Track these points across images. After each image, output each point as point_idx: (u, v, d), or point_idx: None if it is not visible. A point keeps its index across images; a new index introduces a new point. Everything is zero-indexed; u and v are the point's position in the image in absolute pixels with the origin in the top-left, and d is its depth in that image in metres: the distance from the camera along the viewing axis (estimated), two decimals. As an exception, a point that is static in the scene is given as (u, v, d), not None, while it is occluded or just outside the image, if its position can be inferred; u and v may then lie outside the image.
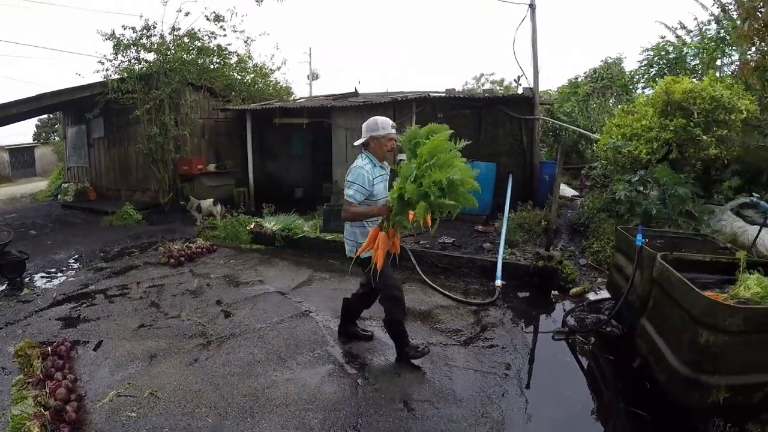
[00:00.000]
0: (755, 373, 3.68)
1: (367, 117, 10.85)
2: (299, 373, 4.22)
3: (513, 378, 4.36)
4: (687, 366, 3.68)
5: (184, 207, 10.69)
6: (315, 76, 31.89)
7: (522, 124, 10.79)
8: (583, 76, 19.83)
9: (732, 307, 3.48)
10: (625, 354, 4.77)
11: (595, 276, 7.24)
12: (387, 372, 4.32)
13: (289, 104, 13.41)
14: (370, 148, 4.47)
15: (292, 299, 6.00)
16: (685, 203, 7.75)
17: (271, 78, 18.35)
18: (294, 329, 5.10)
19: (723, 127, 8.56)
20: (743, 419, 3.85)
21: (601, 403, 4.17)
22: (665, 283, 4.19)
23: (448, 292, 6.43)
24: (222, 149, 13.98)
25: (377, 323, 5.23)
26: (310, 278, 6.84)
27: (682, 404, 3.87)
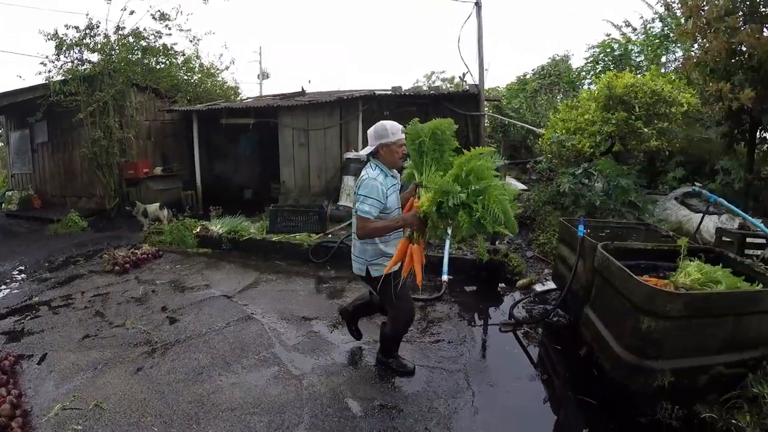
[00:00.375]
0: (698, 356, 3.79)
1: (313, 116, 10.94)
2: (244, 376, 4.23)
3: (460, 372, 4.43)
4: (630, 352, 3.79)
5: (131, 212, 10.50)
6: (265, 75, 31.58)
7: (468, 121, 10.90)
8: (532, 74, 20.27)
9: (671, 293, 3.61)
10: (572, 343, 4.91)
11: (542, 267, 7.42)
12: (333, 372, 4.34)
13: (235, 104, 13.35)
14: (380, 156, 4.13)
15: (238, 302, 5.99)
16: (628, 194, 7.98)
17: (219, 78, 18.17)
18: (239, 333, 5.09)
19: (664, 120, 8.82)
20: (691, 401, 3.95)
21: (549, 393, 4.25)
22: (606, 272, 4.31)
23: (395, 289, 6.48)
24: (169, 151, 13.78)
25: (324, 323, 5.33)
26: (256, 280, 6.83)
27: (627, 390, 3.96)
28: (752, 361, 3.95)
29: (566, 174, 8.57)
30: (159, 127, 13.70)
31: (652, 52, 15.60)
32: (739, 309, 3.72)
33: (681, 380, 3.75)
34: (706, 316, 3.68)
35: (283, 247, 8.03)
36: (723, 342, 3.79)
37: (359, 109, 11.10)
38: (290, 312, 5.67)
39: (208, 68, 17.71)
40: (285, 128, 11.49)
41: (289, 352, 4.69)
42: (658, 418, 3.82)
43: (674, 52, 15.23)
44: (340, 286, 6.65)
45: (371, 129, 4.23)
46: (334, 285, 6.71)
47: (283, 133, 11.53)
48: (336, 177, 11.05)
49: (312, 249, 7.79)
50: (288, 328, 5.24)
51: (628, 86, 8.95)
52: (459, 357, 4.72)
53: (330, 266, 7.52)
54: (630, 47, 16.26)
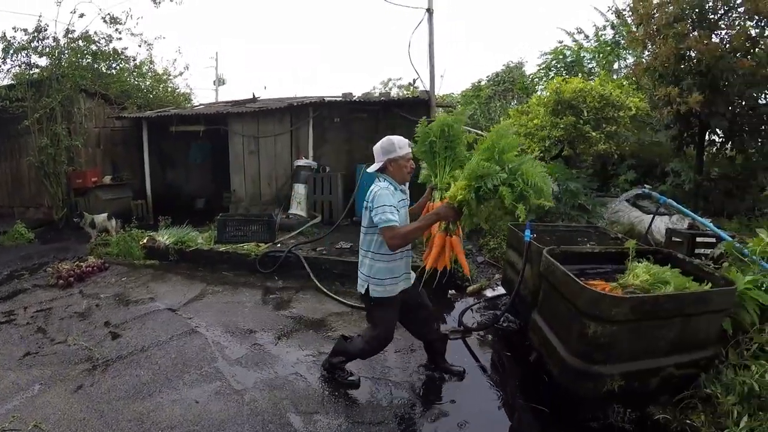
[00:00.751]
0: (648, 359, 3.81)
1: (264, 123, 10.92)
2: (186, 393, 4.20)
3: (406, 382, 4.45)
4: (577, 357, 3.79)
5: (79, 223, 10.27)
6: (221, 81, 31.14)
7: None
8: (486, 80, 20.54)
9: (616, 297, 3.61)
10: (522, 349, 4.97)
11: (493, 272, 7.53)
12: (275, 386, 4.34)
13: (185, 111, 13.18)
14: (389, 171, 4.02)
15: (182, 316, 5.95)
16: (577, 197, 8.13)
17: (171, 84, 17.96)
18: (182, 347, 5.06)
19: (612, 124, 9.02)
20: (643, 404, 4.02)
21: (501, 401, 4.30)
22: (551, 277, 4.33)
23: (342, 298, 6.51)
24: (119, 160, 13.50)
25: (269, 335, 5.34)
26: (202, 292, 6.79)
27: (577, 395, 3.96)
28: (704, 361, 4.02)
29: (515, 178, 8.70)
30: (109, 135, 13.38)
31: (603, 58, 16.02)
32: (688, 310, 3.75)
33: (631, 383, 3.78)
34: (654, 318, 3.70)
35: (231, 257, 7.98)
36: (673, 344, 3.83)
37: (310, 116, 11.13)
38: (235, 324, 5.65)
39: (160, 74, 17.49)
40: (235, 135, 11.45)
41: (232, 367, 4.67)
42: (611, 422, 3.88)
43: (625, 59, 15.66)
44: (287, 297, 6.65)
45: (377, 145, 4.11)
46: (281, 296, 6.71)
47: (234, 141, 11.48)
48: (287, 185, 11.04)
49: (259, 259, 7.75)
50: (232, 341, 5.22)
51: (577, 91, 9.17)
52: (406, 367, 4.74)
53: (277, 276, 7.51)
54: (582, 54, 16.69)
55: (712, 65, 8.59)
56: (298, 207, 10.39)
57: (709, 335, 3.99)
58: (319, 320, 5.86)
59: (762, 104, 9.14)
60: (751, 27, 9.05)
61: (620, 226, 9.22)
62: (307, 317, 5.92)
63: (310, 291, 6.86)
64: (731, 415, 3.68)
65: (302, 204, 10.44)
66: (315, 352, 4.93)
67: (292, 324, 5.72)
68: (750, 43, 8.82)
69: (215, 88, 30.91)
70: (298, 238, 8.85)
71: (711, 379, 3.99)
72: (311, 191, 10.53)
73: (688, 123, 9.79)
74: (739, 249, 5.10)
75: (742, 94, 8.79)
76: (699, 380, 4.01)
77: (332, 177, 10.55)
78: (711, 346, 4.06)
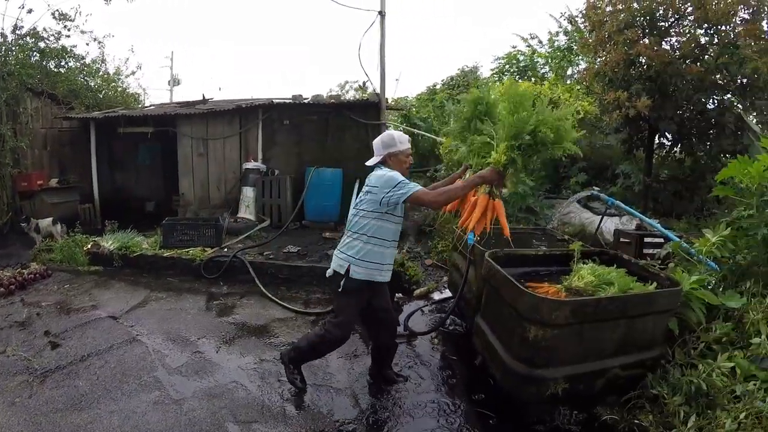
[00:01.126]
0: (593, 361, 3.83)
1: (213, 124, 10.92)
2: (124, 403, 4.19)
3: (348, 389, 4.47)
4: (519, 362, 3.77)
5: (24, 228, 10.04)
6: (176, 81, 30.46)
7: (369, 130, 11.05)
8: (441, 84, 20.72)
9: (556, 300, 3.63)
10: (468, 353, 5.00)
11: (440, 275, 7.63)
12: (215, 394, 4.33)
13: (133, 112, 13.04)
14: (388, 166, 4.09)
15: (124, 323, 5.90)
16: (525, 200, 8.25)
17: (122, 83, 17.69)
18: (122, 356, 5.04)
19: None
20: (589, 405, 4.03)
21: (445, 406, 4.30)
22: (493, 281, 4.34)
23: (287, 303, 6.55)
24: (67, 162, 13.17)
25: (211, 342, 5.33)
26: (145, 299, 6.73)
27: (520, 400, 4.00)
28: (650, 362, 4.06)
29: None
30: (56, 136, 13.05)
31: (556, 64, 16.35)
32: (632, 312, 3.77)
33: (576, 386, 3.78)
34: (597, 320, 3.68)
35: (176, 262, 7.92)
36: (618, 345, 3.84)
37: (259, 118, 11.14)
38: (177, 332, 5.64)
39: (111, 74, 17.21)
40: (184, 137, 11.37)
41: (172, 376, 4.66)
42: (557, 425, 3.91)
43: (578, 65, 15.98)
44: (231, 303, 6.65)
45: (377, 139, 4.21)
46: (224, 302, 6.71)
47: (182, 143, 11.40)
48: (236, 188, 11.03)
49: (204, 264, 7.73)
50: (173, 349, 5.21)
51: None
52: (349, 372, 4.78)
53: (223, 282, 7.49)
54: (536, 59, 16.99)
55: (661, 71, 8.92)
56: (246, 210, 10.39)
57: (655, 335, 4.04)
58: (261, 326, 5.89)
59: (710, 109, 9.46)
60: (701, 35, 9.43)
61: (572, 227, 9.46)
62: (249, 323, 5.94)
63: (255, 296, 6.88)
64: (678, 415, 3.73)
65: (251, 207, 10.44)
66: (256, 360, 4.96)
67: (235, 331, 5.73)
68: (699, 50, 9.22)
69: (170, 88, 30.36)
70: (246, 243, 8.84)
71: (657, 379, 4.03)
72: (260, 194, 10.54)
73: (637, 126, 10.11)
74: (685, 249, 5.20)
75: (690, 99, 9.10)
76: (646, 380, 4.06)
77: (281, 180, 10.58)
78: (657, 346, 4.11)
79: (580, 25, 12.79)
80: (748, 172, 4.73)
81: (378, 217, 3.98)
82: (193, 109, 11.54)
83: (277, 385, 4.48)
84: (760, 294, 4.42)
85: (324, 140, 11.15)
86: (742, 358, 3.92)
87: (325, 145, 11.13)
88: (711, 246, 4.79)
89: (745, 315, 4.26)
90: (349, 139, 11.16)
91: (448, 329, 5.84)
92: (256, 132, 11.19)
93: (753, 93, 8.98)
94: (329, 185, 10.36)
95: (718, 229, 4.88)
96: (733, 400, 3.67)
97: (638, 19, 9.39)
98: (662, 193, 10.82)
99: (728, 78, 9.10)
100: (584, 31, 11.51)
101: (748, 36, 8.63)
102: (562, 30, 16.40)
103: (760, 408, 3.48)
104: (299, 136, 11.31)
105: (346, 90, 23.55)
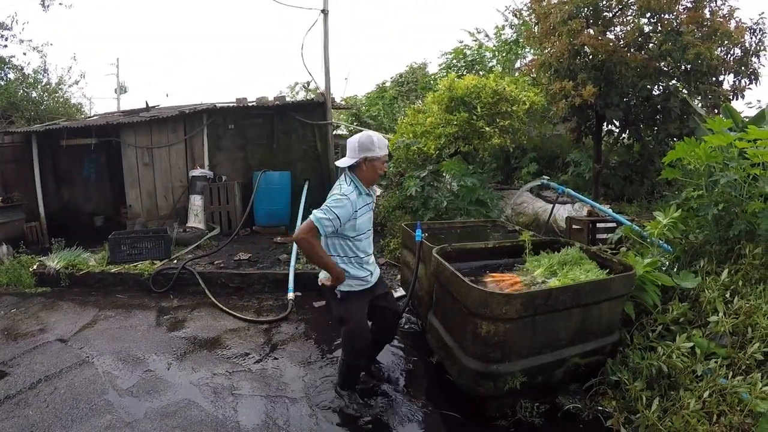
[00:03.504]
0: (550, 352, 3.83)
1: (157, 132, 10.75)
2: (76, 430, 4.10)
3: (303, 398, 4.44)
4: (474, 359, 3.76)
5: (-33, 253, 9.68)
6: (123, 89, 29.76)
7: (315, 130, 11.09)
8: (391, 81, 20.80)
9: (505, 295, 3.60)
10: (425, 351, 5.05)
11: (394, 274, 7.65)
12: (167, 414, 4.28)
13: (75, 123, 12.71)
14: (360, 171, 3.92)
15: (73, 346, 5.77)
16: (474, 192, 8.30)
17: (65, 93, 17.29)
18: (72, 380, 4.93)
19: (507, 118, 9.32)
20: (551, 395, 4.08)
21: (405, 407, 4.31)
22: (442, 277, 4.31)
23: (239, 312, 6.54)
24: (10, 179, 12.56)
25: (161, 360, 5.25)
26: (94, 319, 6.58)
27: (479, 396, 3.96)
28: (609, 347, 4.14)
29: (413, 177, 8.89)
30: (-2, 152, 12.61)
31: (503, 57, 16.56)
32: (585, 300, 3.79)
33: (535, 378, 3.80)
34: (550, 311, 3.67)
35: (124, 278, 7.77)
36: (574, 333, 3.87)
37: (204, 123, 11.07)
38: (127, 351, 5.55)
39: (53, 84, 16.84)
40: (128, 147, 11.16)
41: (123, 397, 4.59)
42: (519, 418, 3.93)
43: (525, 57, 16.22)
44: (182, 316, 6.59)
45: (354, 139, 3.93)
46: (175, 315, 6.64)
47: (127, 153, 11.19)
48: (184, 196, 10.93)
49: (152, 278, 7.60)
50: (123, 369, 5.13)
51: (470, 87, 9.42)
52: (303, 381, 4.76)
53: (173, 295, 7.41)
54: (484, 53, 17.19)
55: (606, 59, 9.16)
56: (195, 219, 10.28)
57: (611, 321, 4.11)
58: (213, 339, 5.85)
59: (656, 95, 9.77)
60: (644, 24, 9.72)
61: (525, 216, 9.65)
62: (201, 337, 5.90)
63: (206, 308, 6.84)
64: (641, 399, 3.80)
65: (199, 216, 10.34)
66: (208, 374, 4.92)
67: (186, 345, 5.69)
68: (643, 38, 9.53)
69: (117, 96, 29.60)
70: (196, 252, 8.77)
71: (617, 364, 4.13)
72: (208, 202, 10.47)
73: (585, 115, 10.34)
74: (637, 232, 5.35)
75: (636, 86, 9.34)
76: (606, 366, 4.15)
77: (229, 186, 10.53)
78: (615, 331, 4.19)
79: (526, 17, 12.98)
80: (695, 154, 4.91)
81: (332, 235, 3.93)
82: (137, 118, 11.31)
83: (230, 399, 4.45)
84: (714, 272, 4.58)
85: (270, 143, 11.14)
86: (700, 337, 4.05)
87: (271, 148, 11.13)
88: (662, 228, 4.93)
89: (700, 294, 4.40)
90: (296, 141, 11.18)
91: (404, 328, 5.88)
92: (201, 138, 11.10)
93: (697, 78, 9.26)
94: (278, 189, 10.34)
95: (669, 211, 5.03)
96: (696, 380, 3.78)
97: (583, 10, 9.62)
98: (613, 178, 11.16)
99: (672, 64, 9.39)
100: (530, 24, 11.71)
101: (690, 23, 8.95)
102: (509, 23, 16.63)
103: (723, 385, 3.59)
104: (245, 140, 11.25)
105: (297, 91, 23.53)
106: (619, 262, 4.40)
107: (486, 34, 17.37)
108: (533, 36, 10.92)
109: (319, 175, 11.21)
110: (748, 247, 4.53)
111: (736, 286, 4.37)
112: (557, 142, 13.61)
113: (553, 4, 10.03)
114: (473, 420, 4.04)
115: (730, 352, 3.86)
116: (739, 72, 9.27)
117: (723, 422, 3.41)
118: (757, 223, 4.49)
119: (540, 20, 10.36)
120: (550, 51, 10.07)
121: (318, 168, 11.23)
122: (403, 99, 19.01)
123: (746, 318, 4.01)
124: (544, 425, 3.92)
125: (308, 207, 9.46)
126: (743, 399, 3.44)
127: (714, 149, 4.84)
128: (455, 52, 17.63)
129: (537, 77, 11.35)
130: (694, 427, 3.44)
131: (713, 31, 8.89)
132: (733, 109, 7.66)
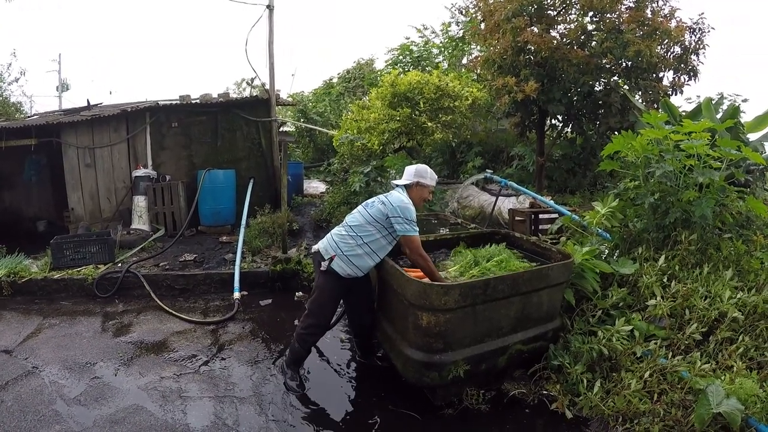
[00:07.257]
0: (492, 340, 3.97)
1: (99, 132, 10.61)
2: None
3: (252, 397, 4.52)
4: (417, 350, 3.90)
5: None
6: (65, 86, 28.67)
7: (260, 127, 11.10)
8: (338, 78, 20.88)
9: (444, 286, 3.72)
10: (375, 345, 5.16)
11: (344, 270, 7.74)
12: (116, 420, 4.28)
13: (13, 123, 12.26)
14: (411, 191, 4.50)
15: (18, 357, 5.67)
16: None
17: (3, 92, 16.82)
18: (19, 392, 4.87)
19: (449, 113, 9.50)
20: (496, 382, 4.24)
21: (355, 401, 4.48)
22: (382, 271, 4.45)
23: (185, 314, 6.57)
24: None
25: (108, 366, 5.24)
26: (38, 327, 6.45)
27: (424, 387, 4.13)
28: (551, 333, 4.33)
29: (357, 173, 9.00)
30: (-67, 157, 12.15)
31: (450, 54, 16.80)
32: (524, 288, 3.97)
33: (478, 366, 3.96)
34: (490, 300, 3.83)
35: (68, 284, 7.62)
36: (516, 321, 4.06)
37: (146, 122, 10.91)
38: (73, 359, 5.50)
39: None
40: (69, 147, 10.88)
41: (71, 406, 4.57)
42: (466, 406, 4.08)
43: (471, 54, 16.49)
44: (128, 321, 6.54)
45: (412, 166, 4.59)
46: (121, 320, 6.58)
47: (68, 154, 10.91)
48: (127, 198, 10.76)
49: (96, 283, 7.50)
50: (70, 378, 5.10)
51: (413, 83, 9.58)
52: (252, 380, 4.85)
53: (118, 299, 7.33)
54: (430, 49, 17.41)
55: (548, 56, 9.46)
56: (139, 221, 10.17)
57: (552, 308, 4.30)
58: (160, 342, 5.86)
59: (597, 90, 10.20)
60: (587, 22, 10.12)
61: (471, 209, 9.89)
62: (147, 341, 5.89)
63: (152, 311, 6.82)
64: (582, 382, 4.03)
65: (144, 217, 10.22)
66: (156, 378, 4.95)
67: (132, 350, 5.67)
68: (585, 36, 9.93)
69: (59, 94, 28.60)
70: (141, 255, 8.69)
71: (559, 350, 4.34)
72: (152, 202, 10.33)
73: (528, 110, 10.67)
74: (577, 222, 5.60)
75: (577, 82, 9.71)
76: (549, 352, 4.36)
77: (173, 186, 10.42)
78: (556, 318, 4.41)
79: (472, 14, 13.22)
80: (632, 146, 5.16)
81: (385, 236, 4.36)
82: (78, 117, 11.02)
83: (179, 402, 4.49)
84: (652, 258, 4.87)
85: (215, 141, 11.10)
86: (639, 320, 4.30)
87: (216, 147, 11.08)
88: (601, 217, 5.22)
89: (639, 279, 4.68)
90: (241, 138, 11.18)
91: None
92: (144, 137, 10.94)
93: (637, 74, 9.72)
94: (222, 187, 10.31)
95: (607, 200, 5.29)
96: (636, 361, 4.03)
97: (527, 8, 9.90)
98: (556, 171, 11.56)
99: (614, 61, 9.81)
100: (476, 21, 11.96)
101: (632, 22, 9.36)
102: (455, 20, 16.87)
103: (663, 365, 3.85)
104: (189, 138, 11.15)
105: (243, 88, 23.30)
106: (558, 251, 4.63)
107: (433, 31, 17.65)
108: (479, 33, 11.16)
109: (264, 173, 11.24)
110: (684, 234, 4.84)
111: (673, 270, 4.68)
112: (502, 136, 13.93)
113: (499, 2, 10.29)
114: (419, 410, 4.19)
115: (669, 333, 4.13)
116: (679, 69, 9.77)
117: (664, 400, 3.66)
118: (692, 211, 4.78)
119: (485, 17, 10.61)
120: (494, 48, 10.32)
121: (263, 165, 11.25)
122: (349, 95, 19.11)
123: (684, 301, 4.31)
124: (490, 412, 4.10)
125: (252, 205, 9.49)
126: (683, 377, 3.70)
127: (650, 142, 5.11)
128: (402, 48, 17.84)
129: (481, 73, 11.61)
130: (636, 406, 3.67)
131: (654, 30, 9.33)
132: (672, 104, 8.02)
